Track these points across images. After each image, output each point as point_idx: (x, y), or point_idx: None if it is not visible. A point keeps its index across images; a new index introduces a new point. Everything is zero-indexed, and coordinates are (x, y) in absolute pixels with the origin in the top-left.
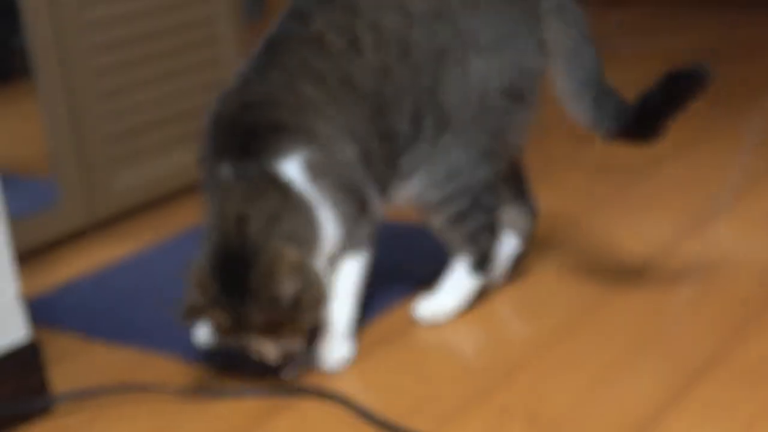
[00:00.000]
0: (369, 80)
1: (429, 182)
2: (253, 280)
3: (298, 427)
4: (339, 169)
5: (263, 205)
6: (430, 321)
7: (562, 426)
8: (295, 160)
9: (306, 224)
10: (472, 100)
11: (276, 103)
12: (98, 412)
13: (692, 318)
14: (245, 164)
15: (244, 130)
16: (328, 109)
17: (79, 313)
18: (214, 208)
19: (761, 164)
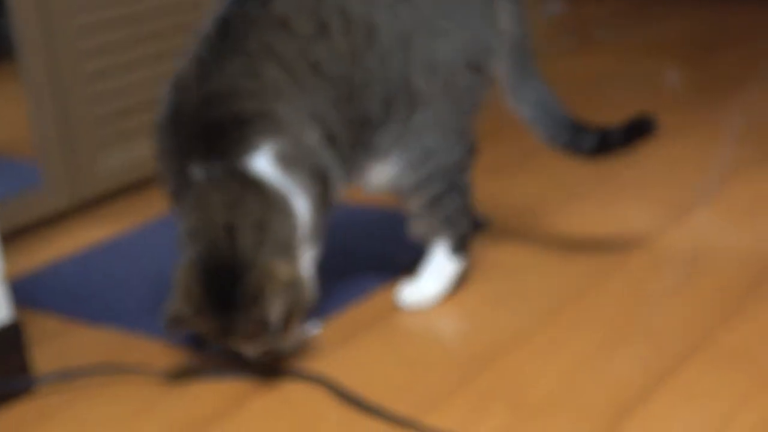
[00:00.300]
0: (337, 64)
1: (405, 165)
2: (243, 298)
3: (279, 409)
4: (306, 156)
5: (247, 211)
6: (414, 307)
7: (544, 410)
8: (265, 154)
9: (290, 225)
10: (439, 79)
11: (238, 92)
12: (80, 393)
13: (674, 304)
14: (215, 164)
15: (208, 127)
16: (291, 93)
17: (62, 295)
18: (193, 212)
19: (742, 154)
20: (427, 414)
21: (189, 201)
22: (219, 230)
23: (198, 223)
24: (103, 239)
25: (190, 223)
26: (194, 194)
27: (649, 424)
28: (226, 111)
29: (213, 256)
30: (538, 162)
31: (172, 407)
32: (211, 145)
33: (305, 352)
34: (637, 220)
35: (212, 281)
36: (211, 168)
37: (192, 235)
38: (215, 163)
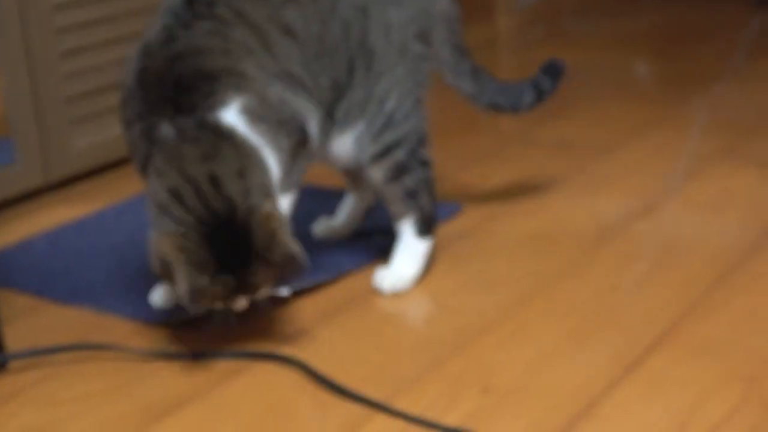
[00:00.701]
0: (308, 27)
1: (365, 135)
2: (257, 246)
3: (254, 391)
4: (275, 108)
5: (226, 161)
6: (392, 291)
7: (514, 395)
8: (232, 108)
9: (264, 171)
10: (395, 45)
11: (204, 50)
12: (53, 371)
13: (643, 295)
14: (184, 120)
15: (174, 84)
16: (260, 53)
17: (34, 273)
18: (169, 172)
19: (711, 148)
20: (398, 397)
21: (161, 161)
22: (204, 183)
23: (178, 181)
24: (76, 218)
25: (169, 183)
26: (166, 153)
27: (617, 412)
28: (193, 68)
29: (207, 212)
30: (512, 152)
31: (146, 386)
32: (179, 102)
33: (280, 334)
34: (607, 211)
35: (217, 240)
36: (180, 124)
37: (175, 196)
38: (184, 118)
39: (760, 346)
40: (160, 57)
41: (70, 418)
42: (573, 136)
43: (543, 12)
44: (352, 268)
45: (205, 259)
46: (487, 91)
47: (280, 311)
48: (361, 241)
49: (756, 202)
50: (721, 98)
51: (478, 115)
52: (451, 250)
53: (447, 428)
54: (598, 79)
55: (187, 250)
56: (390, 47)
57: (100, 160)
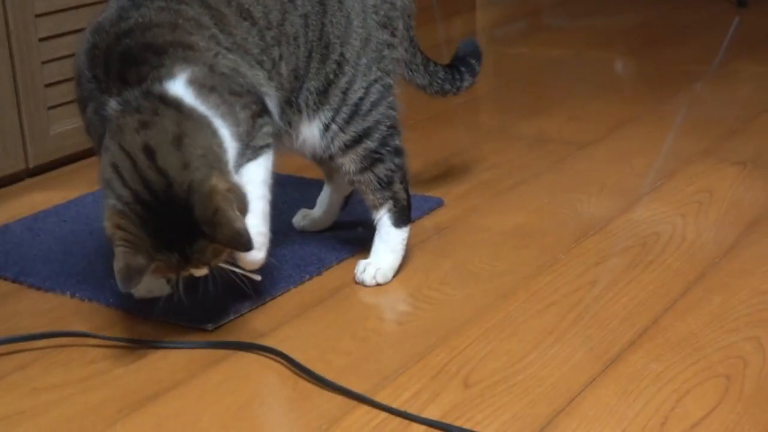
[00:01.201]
0: (269, 15)
1: (333, 125)
2: (199, 221)
3: (234, 380)
4: (228, 79)
5: (161, 129)
6: (373, 284)
7: (495, 388)
8: (179, 80)
9: (211, 140)
10: (358, 38)
11: (152, 25)
12: (32, 357)
13: (622, 291)
14: (129, 94)
15: (120, 59)
16: (214, 29)
17: (12, 258)
18: (111, 145)
19: (689, 147)
20: (380, 390)
21: (107, 137)
22: (138, 155)
23: (118, 155)
24: (56, 204)
25: (111, 157)
26: (111, 127)
27: (598, 408)
28: (141, 42)
29: (143, 187)
30: (491, 146)
31: (126, 374)
32: (126, 77)
33: (261, 325)
34: (587, 207)
35: (156, 216)
36: (125, 99)
37: (116, 170)
38: (129, 93)
39: (739, 344)
40: (110, 34)
41: (50, 406)
42: (552, 131)
43: (524, 7)
44: (333, 260)
45: (141, 238)
46: (437, 80)
47: (261, 302)
48: (343, 234)
49: (735, 201)
50: (701, 97)
51: (456, 109)
52: (432, 243)
53: (428, 421)
54: (578, 75)
55: (123, 228)
56: (351, 37)
57: (79, 146)
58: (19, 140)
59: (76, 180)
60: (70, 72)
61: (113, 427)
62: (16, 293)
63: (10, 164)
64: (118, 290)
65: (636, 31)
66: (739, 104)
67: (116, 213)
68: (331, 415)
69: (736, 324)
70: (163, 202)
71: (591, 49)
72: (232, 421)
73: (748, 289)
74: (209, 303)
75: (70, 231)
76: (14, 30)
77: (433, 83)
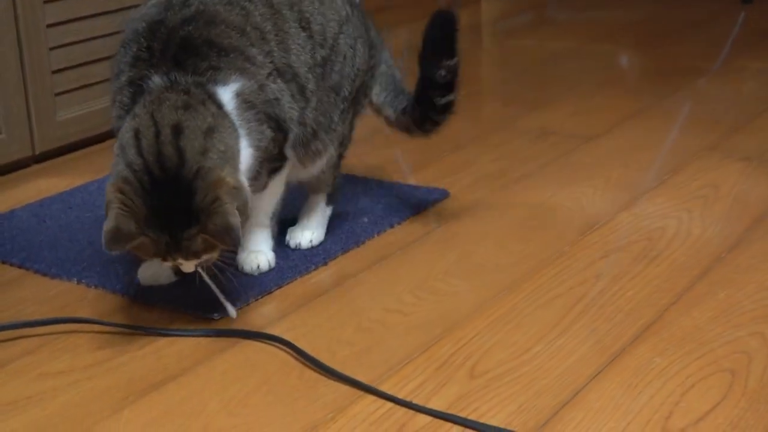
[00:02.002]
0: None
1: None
2: (197, 208)
3: (240, 369)
4: (269, 105)
5: (198, 116)
6: (309, 246)
7: (501, 378)
8: (230, 89)
9: (235, 144)
10: (328, 41)
11: (220, 21)
12: (38, 343)
13: (629, 285)
14: (180, 77)
15: (181, 44)
16: (273, 42)
17: (19, 244)
18: (143, 114)
19: (695, 141)
20: (385, 380)
21: (141, 106)
22: (165, 129)
23: (145, 123)
24: (62, 190)
25: (137, 124)
26: (149, 98)
27: (603, 401)
28: (206, 36)
29: (156, 160)
30: (497, 138)
31: (132, 361)
32: (182, 62)
33: (267, 314)
34: (592, 200)
35: (158, 194)
36: (174, 78)
37: (136, 136)
38: (181, 75)
39: (744, 339)
40: (177, 15)
41: (57, 391)
42: (557, 124)
43: (528, 0)
44: (340, 252)
45: (138, 207)
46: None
47: (267, 292)
48: (348, 225)
49: (741, 196)
50: (705, 93)
51: (461, 101)
52: (437, 235)
53: (433, 411)
54: (583, 68)
55: (124, 193)
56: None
57: (85, 133)
58: (26, 126)
59: (82, 167)
60: (78, 58)
61: (120, 413)
62: (22, 279)
63: (17, 150)
64: (123, 277)
65: (641, 26)
66: (744, 100)
67: (121, 179)
68: (336, 405)
69: (741, 319)
70: (169, 181)
71: (596, 43)
72: (237, 408)
73: (754, 284)
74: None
75: (76, 217)
76: (22, 16)
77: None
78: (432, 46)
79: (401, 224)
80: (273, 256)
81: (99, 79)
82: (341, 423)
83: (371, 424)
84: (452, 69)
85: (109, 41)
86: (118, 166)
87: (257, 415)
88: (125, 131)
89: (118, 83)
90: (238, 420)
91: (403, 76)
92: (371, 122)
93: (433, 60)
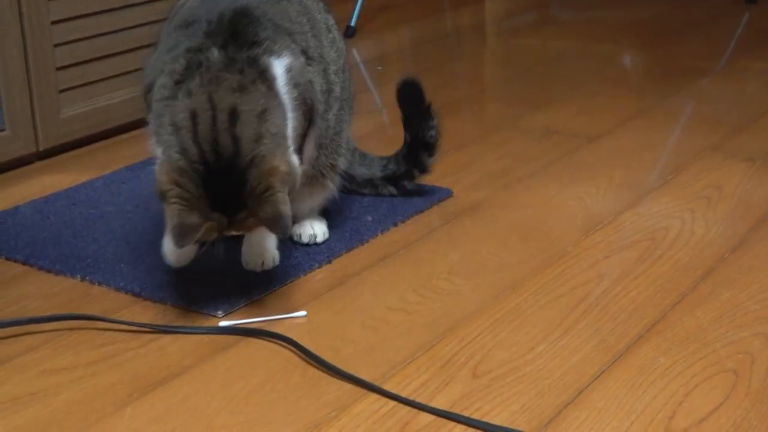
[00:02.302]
0: (340, 41)
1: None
2: (251, 193)
3: (243, 366)
4: (306, 86)
5: (254, 96)
6: (322, 240)
7: (504, 378)
8: (283, 61)
9: (284, 123)
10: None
11: (272, 11)
12: (41, 340)
13: (632, 285)
14: (236, 53)
15: (240, 20)
16: (309, 33)
17: (23, 241)
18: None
19: (699, 141)
20: (388, 378)
21: (197, 83)
22: (222, 114)
23: (202, 105)
24: (65, 187)
25: (193, 104)
26: (207, 75)
27: (606, 401)
28: (260, 16)
29: (210, 149)
30: (500, 137)
31: (135, 358)
32: (238, 36)
33: (270, 312)
34: (595, 200)
35: (213, 178)
36: (232, 53)
37: (192, 118)
38: (238, 51)
39: (747, 340)
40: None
41: (60, 388)
42: (560, 124)
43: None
44: (344, 250)
45: (197, 197)
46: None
47: (271, 290)
48: (351, 224)
49: (744, 197)
50: (709, 93)
51: (465, 100)
52: (441, 233)
53: (436, 410)
54: (586, 68)
55: (181, 186)
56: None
57: (89, 130)
58: (30, 123)
59: (86, 163)
60: (82, 55)
61: (123, 410)
62: (26, 275)
63: (21, 147)
64: (127, 274)
65: (644, 25)
66: (748, 101)
67: (175, 169)
68: (340, 403)
69: (745, 319)
70: (224, 169)
71: (599, 42)
72: (240, 406)
73: (757, 285)
74: (220, 290)
75: (80, 214)
76: (27, 12)
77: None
78: (411, 113)
79: (405, 223)
80: (277, 253)
81: (103, 77)
82: (344, 421)
83: (374, 422)
84: (435, 128)
85: (114, 38)
86: (169, 151)
87: (260, 413)
88: (181, 110)
89: (174, 53)
90: (241, 418)
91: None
92: (374, 121)
93: (417, 123)
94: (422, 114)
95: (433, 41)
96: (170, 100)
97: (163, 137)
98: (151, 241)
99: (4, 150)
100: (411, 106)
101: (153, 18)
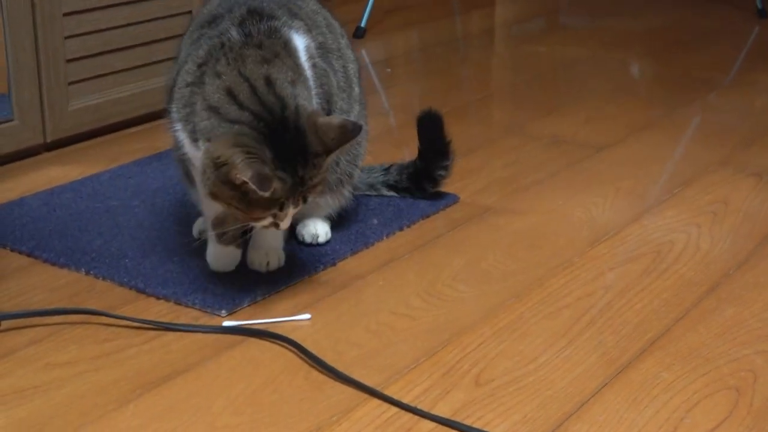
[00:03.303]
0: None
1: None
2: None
3: (246, 367)
4: (318, 72)
5: (281, 67)
6: (324, 240)
7: (507, 387)
8: (302, 40)
9: (311, 96)
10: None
11: (289, 4)
12: (46, 333)
13: (636, 298)
14: (253, 27)
15: (253, 7)
16: (325, 29)
17: (28, 232)
18: (226, 76)
19: (707, 155)
20: (391, 384)
21: (223, 64)
22: (258, 82)
23: (235, 80)
24: (72, 179)
25: (226, 83)
26: (231, 55)
27: (608, 414)
28: (276, 8)
29: (262, 108)
30: (508, 143)
31: (139, 355)
32: (257, 11)
33: (274, 314)
34: (601, 210)
35: (273, 137)
36: (250, 28)
37: (230, 94)
38: (255, 25)
39: (750, 357)
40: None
41: (63, 382)
42: (568, 132)
43: (544, 5)
44: (349, 253)
45: (263, 152)
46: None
47: (275, 291)
48: (357, 226)
49: (751, 213)
50: (717, 106)
51: (472, 106)
52: (446, 240)
53: (438, 418)
54: (595, 76)
55: (244, 145)
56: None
57: (98, 123)
58: (38, 114)
59: (93, 156)
60: (93, 48)
61: (126, 406)
62: (31, 267)
63: (28, 137)
64: (132, 270)
65: (654, 35)
66: (756, 115)
67: (232, 136)
68: (342, 407)
69: (748, 337)
70: (281, 124)
71: (608, 51)
72: (243, 406)
73: (761, 303)
74: (224, 288)
75: (86, 207)
76: (39, 3)
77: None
78: (430, 146)
79: (410, 227)
80: (283, 254)
81: (113, 70)
82: (346, 426)
83: (376, 428)
84: (447, 167)
85: (125, 32)
86: (213, 129)
87: (262, 414)
88: (213, 92)
89: (197, 44)
90: (243, 418)
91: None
92: (382, 123)
93: (432, 158)
94: (440, 150)
95: (442, 44)
96: (196, 86)
97: (200, 125)
98: (157, 238)
99: (12, 140)
100: (430, 140)
101: (165, 13)
